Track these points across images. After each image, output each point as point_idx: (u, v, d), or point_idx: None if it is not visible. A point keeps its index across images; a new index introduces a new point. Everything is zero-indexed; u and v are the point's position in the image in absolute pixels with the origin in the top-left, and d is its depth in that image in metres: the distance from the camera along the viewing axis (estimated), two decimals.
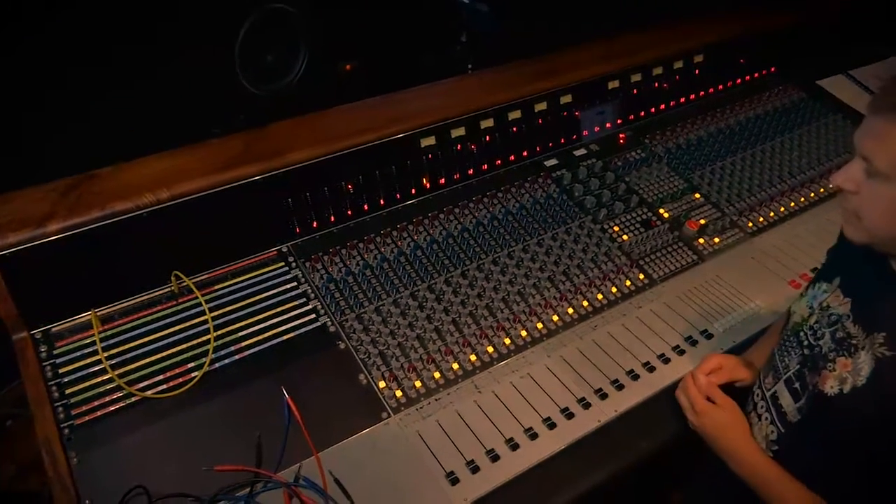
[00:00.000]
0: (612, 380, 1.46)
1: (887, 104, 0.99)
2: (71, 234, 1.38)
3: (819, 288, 1.28)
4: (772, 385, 1.30)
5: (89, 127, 1.48)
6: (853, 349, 1.12)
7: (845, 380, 1.11)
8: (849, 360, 1.12)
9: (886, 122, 0.99)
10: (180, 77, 1.51)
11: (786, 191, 2.03)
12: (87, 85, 1.44)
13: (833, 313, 1.20)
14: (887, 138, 0.99)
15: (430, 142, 1.80)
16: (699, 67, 2.27)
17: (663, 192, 1.96)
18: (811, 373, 1.20)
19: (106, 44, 1.43)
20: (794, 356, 1.26)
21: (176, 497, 1.20)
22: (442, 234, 1.73)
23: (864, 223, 1.07)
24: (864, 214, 1.06)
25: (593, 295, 1.64)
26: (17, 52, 1.42)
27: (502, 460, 1.30)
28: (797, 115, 2.33)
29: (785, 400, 1.25)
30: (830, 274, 1.27)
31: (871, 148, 1.02)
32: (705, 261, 1.79)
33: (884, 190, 1.01)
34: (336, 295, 1.56)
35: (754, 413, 1.34)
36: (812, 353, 1.21)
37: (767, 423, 1.29)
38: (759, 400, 1.34)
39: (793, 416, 1.23)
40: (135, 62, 1.46)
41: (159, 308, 1.48)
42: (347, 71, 1.90)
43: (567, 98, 2.00)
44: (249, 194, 1.57)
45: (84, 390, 1.34)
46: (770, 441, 1.27)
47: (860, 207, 1.06)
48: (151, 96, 1.50)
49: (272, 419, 1.33)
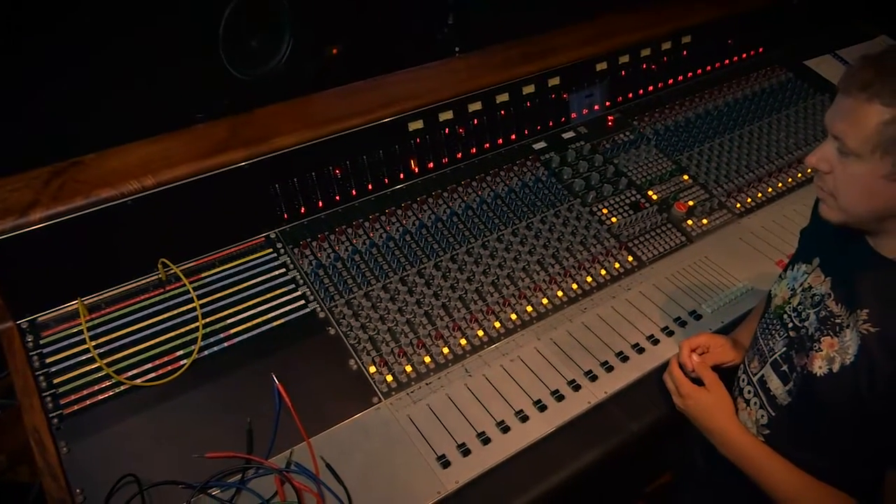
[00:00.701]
0: (602, 362, 1.47)
1: (855, 83, 1.00)
2: (55, 222, 1.37)
3: (798, 269, 1.29)
4: (758, 369, 1.30)
5: (72, 113, 1.45)
6: (838, 328, 1.13)
7: (833, 359, 1.12)
8: (835, 340, 1.13)
9: (855, 101, 1.00)
10: (163, 62, 1.48)
11: (773, 172, 2.03)
12: (68, 70, 1.41)
13: (815, 293, 1.21)
14: (858, 117, 0.99)
15: (418, 126, 1.79)
16: (687, 49, 2.26)
17: (652, 174, 1.96)
18: (798, 354, 1.20)
19: (85, 29, 1.41)
20: (778, 339, 1.27)
21: (167, 485, 1.20)
22: (431, 218, 1.73)
23: (839, 202, 1.08)
24: (838, 194, 1.07)
25: (582, 277, 1.64)
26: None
27: (493, 443, 1.31)
28: (784, 95, 2.33)
29: (773, 384, 1.25)
30: (809, 254, 1.28)
31: (841, 128, 1.02)
32: (694, 242, 1.79)
33: (856, 168, 1.02)
34: (325, 281, 1.56)
35: (741, 398, 1.35)
36: (798, 335, 1.21)
37: (757, 407, 1.29)
38: (745, 385, 1.34)
39: (783, 400, 1.23)
40: (116, 47, 1.44)
41: (147, 296, 1.47)
42: (334, 55, 1.88)
43: (555, 80, 2.00)
44: (236, 180, 1.56)
45: (72, 379, 1.34)
46: (761, 425, 1.28)
47: (835, 187, 1.07)
48: (133, 82, 1.47)
49: (263, 406, 1.33)
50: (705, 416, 1.31)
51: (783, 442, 1.24)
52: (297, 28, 1.64)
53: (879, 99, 0.96)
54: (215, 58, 1.53)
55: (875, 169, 1.00)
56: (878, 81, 0.97)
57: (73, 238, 1.40)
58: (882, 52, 1.00)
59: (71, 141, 1.50)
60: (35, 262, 1.39)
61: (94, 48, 1.43)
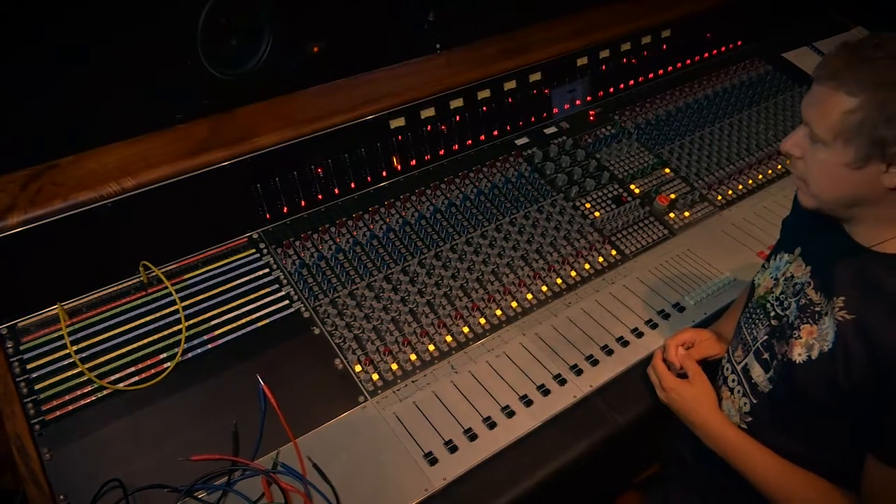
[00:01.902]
0: (587, 355, 1.48)
1: (826, 72, 1.02)
2: (33, 226, 1.35)
3: (781, 259, 1.31)
4: (742, 358, 1.32)
5: (49, 115, 1.43)
6: (817, 315, 1.14)
7: (812, 346, 1.13)
8: (814, 327, 1.14)
9: (824, 89, 1.02)
10: (141, 62, 1.46)
11: (753, 164, 2.05)
12: (44, 72, 1.40)
13: (797, 282, 1.22)
14: (825, 105, 1.02)
15: (400, 123, 1.78)
16: (667, 43, 2.28)
17: (634, 168, 1.97)
18: (779, 342, 1.22)
19: (61, 30, 1.39)
20: (761, 328, 1.28)
21: (152, 489, 1.19)
22: (414, 215, 1.73)
23: (810, 188, 1.11)
24: (809, 180, 1.10)
25: (566, 272, 1.65)
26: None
27: (480, 439, 1.31)
28: (763, 88, 2.35)
29: (755, 371, 1.27)
30: (791, 244, 1.30)
31: (811, 114, 1.05)
32: (676, 235, 1.80)
33: (823, 155, 1.05)
34: (309, 280, 1.55)
35: (725, 387, 1.36)
36: (780, 324, 1.23)
37: (740, 395, 1.31)
38: (729, 373, 1.36)
39: (764, 387, 1.25)
40: (92, 47, 1.42)
41: (128, 299, 1.46)
42: (315, 53, 1.87)
43: (536, 76, 2.00)
44: (217, 181, 1.55)
45: (54, 385, 1.32)
46: (744, 413, 1.29)
47: (806, 172, 1.10)
48: (111, 82, 1.45)
49: (248, 407, 1.32)
50: (688, 409, 1.33)
51: (766, 429, 1.26)
52: (276, 26, 1.63)
53: (845, 88, 0.99)
54: (194, 57, 1.52)
55: (839, 156, 1.02)
56: (846, 71, 0.99)
57: (51, 242, 1.39)
58: (858, 41, 1.01)
59: (48, 143, 1.48)
60: (13, 266, 1.37)
61: (71, 49, 1.41)
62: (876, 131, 0.97)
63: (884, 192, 1.02)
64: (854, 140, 0.99)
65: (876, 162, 1.00)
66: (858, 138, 0.99)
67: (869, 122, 0.97)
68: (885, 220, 1.07)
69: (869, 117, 0.97)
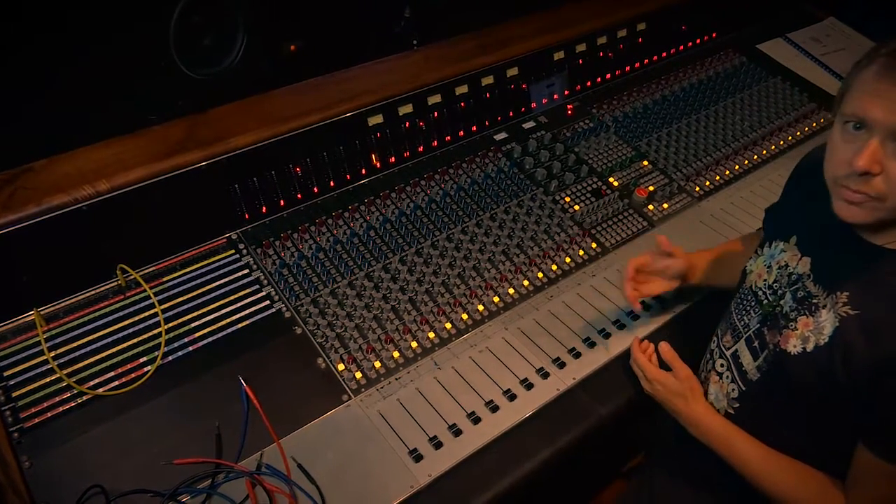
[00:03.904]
0: (570, 348, 1.48)
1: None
2: (6, 231, 1.33)
3: (776, 247, 1.29)
4: (731, 344, 1.32)
5: (20, 118, 1.41)
6: (814, 308, 1.13)
7: (808, 339, 1.13)
8: (810, 319, 1.13)
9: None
10: (113, 62, 1.45)
11: (730, 154, 2.07)
12: (13, 74, 1.37)
13: (793, 273, 1.21)
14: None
15: (378, 120, 1.78)
16: (642, 36, 2.29)
17: (612, 161, 1.98)
18: (770, 331, 1.22)
19: (30, 30, 1.37)
20: (753, 315, 1.28)
21: (135, 494, 1.18)
22: (394, 213, 1.72)
23: (887, 204, 0.99)
24: (893, 193, 0.98)
25: (548, 266, 1.66)
26: None
27: (464, 435, 1.31)
28: (738, 79, 2.37)
29: (745, 359, 1.27)
30: (785, 232, 1.28)
31: (885, 123, 0.95)
32: (655, 226, 1.82)
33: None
34: (290, 280, 1.54)
35: (714, 371, 1.36)
36: (773, 312, 1.23)
37: (728, 381, 1.32)
38: (717, 358, 1.36)
39: (753, 375, 1.26)
40: (63, 48, 1.40)
41: (106, 303, 1.44)
42: (292, 52, 1.86)
43: (513, 71, 2.00)
44: (194, 182, 1.53)
45: (32, 392, 1.30)
46: (732, 399, 1.31)
47: (888, 188, 0.98)
48: (82, 84, 1.43)
49: (231, 409, 1.31)
50: (673, 400, 1.34)
51: (753, 415, 1.27)
52: (251, 24, 1.61)
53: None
54: (167, 57, 1.50)
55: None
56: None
57: (26, 247, 1.36)
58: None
59: (21, 147, 1.46)
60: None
61: (42, 52, 1.39)
62: None
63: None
64: None
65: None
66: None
67: None
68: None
69: None
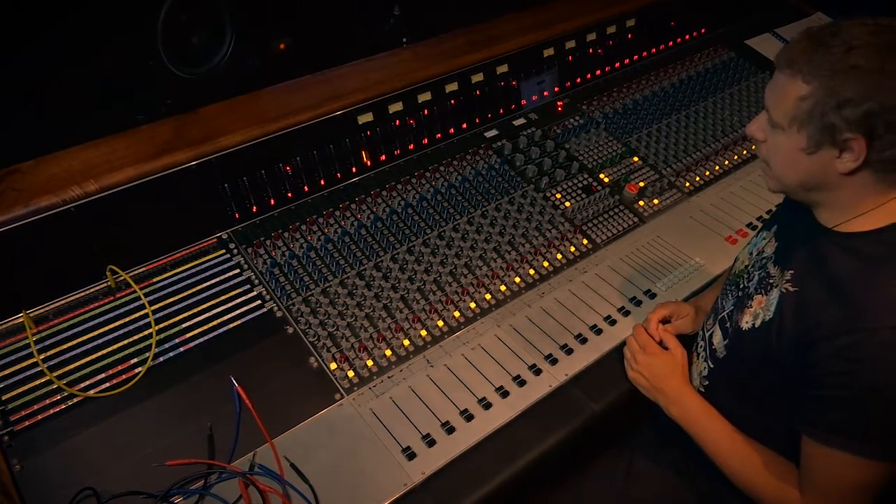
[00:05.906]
0: (562, 345, 1.49)
1: (785, 58, 1.04)
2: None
3: (760, 236, 1.36)
4: (711, 326, 1.38)
5: (6, 119, 1.40)
6: (769, 287, 1.20)
7: (758, 315, 1.20)
8: (763, 297, 1.20)
9: (782, 75, 1.05)
10: (100, 62, 1.43)
11: (719, 150, 2.08)
12: (2, 75, 1.36)
13: (763, 257, 1.28)
14: (782, 90, 1.05)
15: (368, 118, 1.77)
16: (632, 32, 2.29)
17: (602, 158, 1.98)
18: (738, 311, 1.28)
19: (16, 29, 1.35)
20: (731, 299, 1.34)
21: (127, 496, 1.17)
22: (385, 211, 1.72)
23: (772, 171, 1.14)
24: (770, 163, 1.14)
25: (539, 263, 1.66)
26: None
27: (457, 432, 1.32)
28: (727, 74, 2.38)
29: (717, 337, 1.34)
30: (771, 222, 1.35)
31: (770, 99, 1.08)
32: (646, 222, 1.82)
33: (782, 140, 1.07)
34: (281, 279, 1.54)
35: (695, 353, 1.43)
36: (744, 294, 1.28)
37: (702, 360, 1.38)
38: (699, 339, 1.43)
39: (721, 353, 1.32)
40: (50, 48, 1.39)
41: (96, 305, 1.43)
42: (281, 50, 1.85)
43: (503, 68, 2.00)
44: (183, 182, 1.52)
45: (22, 395, 1.29)
46: (703, 377, 1.37)
47: (767, 156, 1.14)
48: (71, 84, 1.42)
49: (223, 410, 1.31)
50: (662, 376, 1.37)
51: (719, 393, 1.33)
52: (239, 23, 1.60)
53: (801, 75, 1.01)
54: (155, 56, 1.49)
55: (794, 141, 1.05)
56: (802, 58, 1.01)
57: (14, 249, 1.35)
58: (818, 28, 1.03)
59: (8, 149, 1.45)
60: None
61: (28, 52, 1.38)
62: (826, 118, 0.99)
63: (839, 178, 1.05)
64: (807, 126, 1.02)
65: (828, 148, 1.02)
66: (810, 124, 1.01)
67: (819, 108, 0.99)
68: (844, 204, 1.09)
69: (820, 104, 0.99)
